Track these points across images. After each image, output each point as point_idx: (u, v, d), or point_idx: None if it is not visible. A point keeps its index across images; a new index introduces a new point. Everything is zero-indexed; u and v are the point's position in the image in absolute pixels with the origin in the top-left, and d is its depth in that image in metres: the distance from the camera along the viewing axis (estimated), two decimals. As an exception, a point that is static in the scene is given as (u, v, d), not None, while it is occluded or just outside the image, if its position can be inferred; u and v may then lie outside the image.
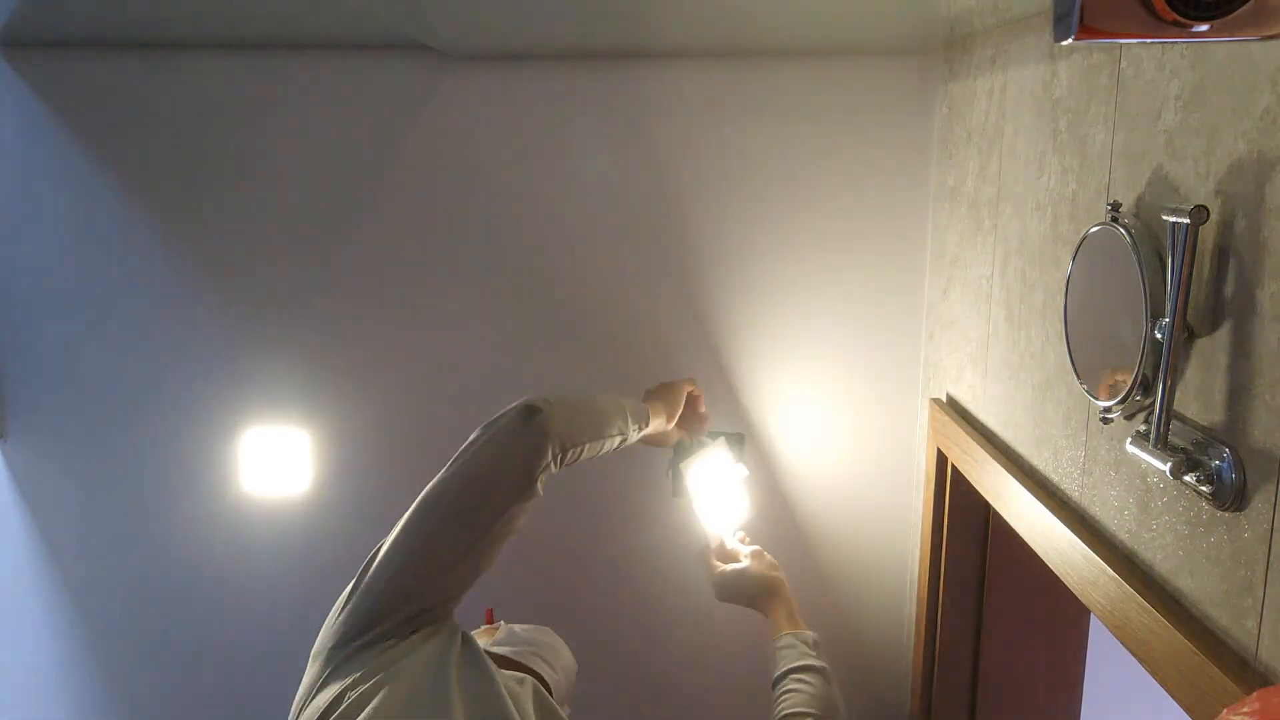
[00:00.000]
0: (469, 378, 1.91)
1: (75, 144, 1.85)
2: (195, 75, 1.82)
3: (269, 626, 2.02)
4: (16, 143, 1.85)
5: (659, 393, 1.58)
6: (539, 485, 1.23)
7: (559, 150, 1.83)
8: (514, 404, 1.25)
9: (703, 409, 1.65)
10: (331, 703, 1.05)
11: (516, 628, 1.42)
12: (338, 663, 1.11)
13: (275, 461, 1.91)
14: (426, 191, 1.85)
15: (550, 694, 1.24)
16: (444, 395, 1.92)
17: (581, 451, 1.31)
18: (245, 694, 2.05)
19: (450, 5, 1.53)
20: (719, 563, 1.54)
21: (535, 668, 1.29)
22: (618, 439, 1.39)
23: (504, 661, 1.27)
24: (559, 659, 1.36)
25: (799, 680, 1.34)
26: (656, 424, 1.50)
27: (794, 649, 1.41)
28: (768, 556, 1.55)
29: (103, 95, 1.83)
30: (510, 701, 1.10)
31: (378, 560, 1.18)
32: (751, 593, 1.51)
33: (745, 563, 1.53)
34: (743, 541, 1.61)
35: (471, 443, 1.23)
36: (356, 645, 1.11)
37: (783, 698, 1.33)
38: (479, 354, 1.90)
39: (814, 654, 1.40)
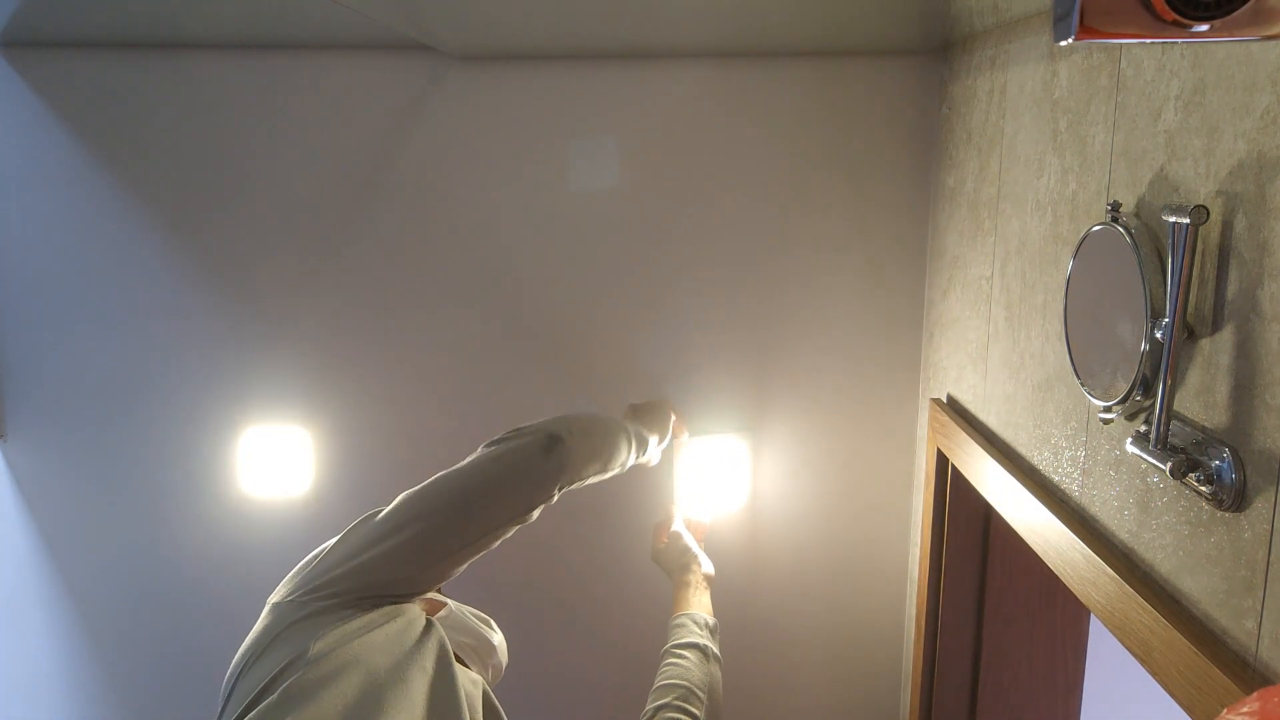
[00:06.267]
0: (470, 377, 1.91)
1: (75, 144, 1.85)
2: (195, 75, 1.82)
3: (269, 626, 2.01)
4: (16, 143, 1.84)
5: (649, 417, 1.62)
6: (537, 512, 1.24)
7: (559, 150, 1.83)
8: (538, 426, 1.26)
9: (682, 434, 1.77)
10: (289, 661, 1.01)
11: (466, 611, 1.37)
12: (295, 620, 1.07)
13: (275, 461, 1.91)
14: (426, 191, 1.85)
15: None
16: (445, 395, 1.92)
17: (585, 484, 1.34)
18: (245, 694, 2.05)
19: (451, 5, 1.53)
20: (664, 535, 1.71)
21: (469, 663, 1.28)
22: (617, 469, 1.43)
23: None
24: (493, 658, 1.34)
25: (678, 655, 1.40)
26: (651, 451, 1.58)
27: (683, 628, 1.47)
28: (684, 546, 1.67)
29: (103, 95, 1.83)
30: (467, 710, 1.08)
31: (368, 530, 1.17)
32: (666, 568, 1.66)
33: (665, 544, 1.69)
34: (695, 527, 1.77)
35: (489, 452, 1.23)
36: (318, 606, 1.08)
37: (661, 670, 1.38)
38: (479, 353, 1.90)
39: (702, 634, 1.45)
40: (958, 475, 1.61)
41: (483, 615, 1.39)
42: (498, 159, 1.83)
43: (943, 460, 1.66)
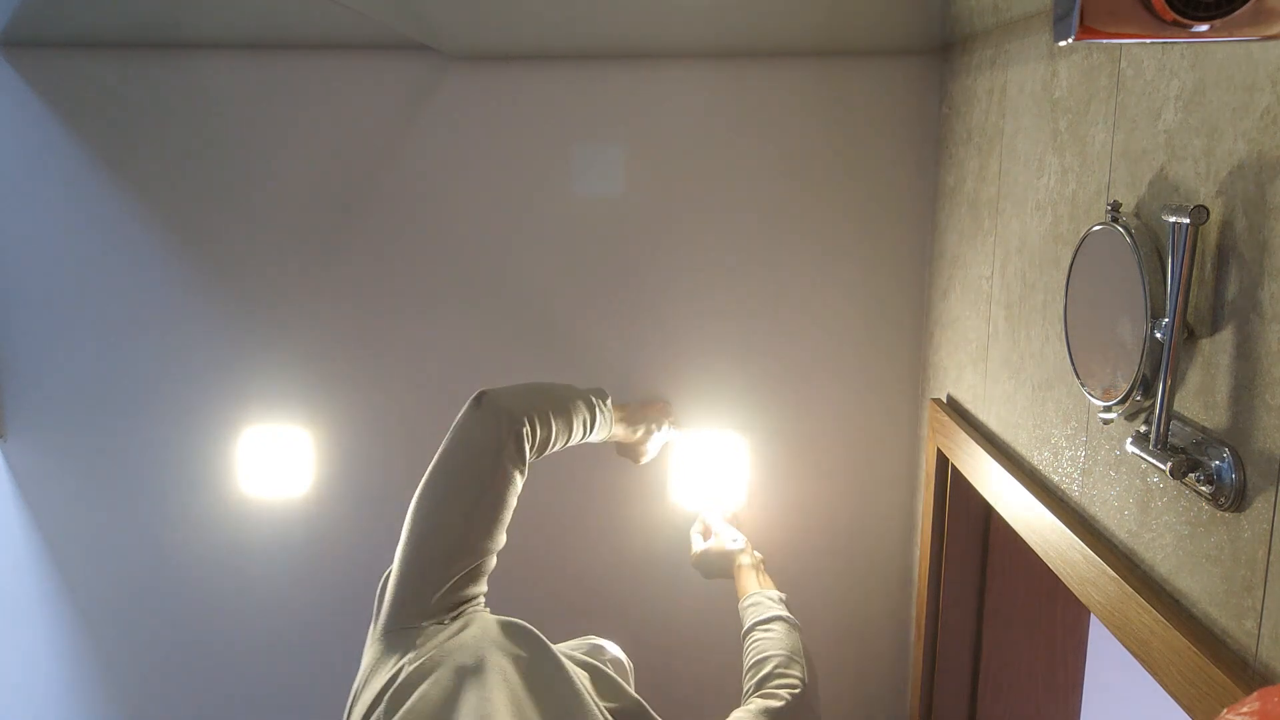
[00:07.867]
0: (470, 377, 1.90)
1: (75, 144, 1.85)
2: (195, 75, 1.82)
3: (268, 626, 2.02)
4: (16, 143, 1.85)
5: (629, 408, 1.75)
6: (511, 461, 1.31)
7: (559, 150, 1.83)
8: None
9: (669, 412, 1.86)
10: (390, 678, 1.14)
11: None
12: (387, 643, 1.19)
13: (275, 461, 1.91)
14: (426, 191, 1.85)
15: None
16: (445, 394, 1.91)
17: (551, 428, 1.39)
18: (244, 693, 2.05)
19: (450, 5, 1.54)
20: (701, 541, 1.76)
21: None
22: (586, 414, 1.49)
23: None
24: (604, 654, 1.39)
25: (764, 630, 1.45)
26: (621, 415, 1.65)
27: (759, 605, 1.52)
28: (727, 535, 1.73)
29: (103, 95, 1.83)
30: (572, 674, 1.17)
31: (401, 550, 1.28)
32: (719, 566, 1.70)
33: (709, 542, 1.74)
34: (730, 522, 1.80)
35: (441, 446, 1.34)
36: (406, 627, 1.20)
37: (750, 648, 1.43)
38: (479, 353, 1.90)
39: (780, 607, 1.51)
40: (958, 475, 1.61)
41: (583, 638, 1.46)
42: (497, 159, 1.83)
43: (943, 460, 1.66)
